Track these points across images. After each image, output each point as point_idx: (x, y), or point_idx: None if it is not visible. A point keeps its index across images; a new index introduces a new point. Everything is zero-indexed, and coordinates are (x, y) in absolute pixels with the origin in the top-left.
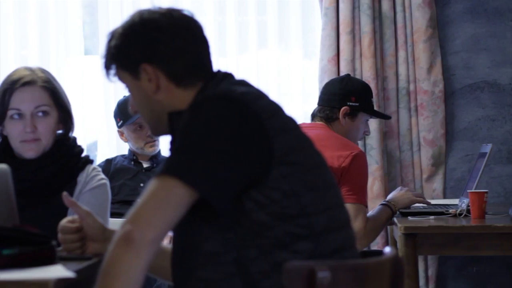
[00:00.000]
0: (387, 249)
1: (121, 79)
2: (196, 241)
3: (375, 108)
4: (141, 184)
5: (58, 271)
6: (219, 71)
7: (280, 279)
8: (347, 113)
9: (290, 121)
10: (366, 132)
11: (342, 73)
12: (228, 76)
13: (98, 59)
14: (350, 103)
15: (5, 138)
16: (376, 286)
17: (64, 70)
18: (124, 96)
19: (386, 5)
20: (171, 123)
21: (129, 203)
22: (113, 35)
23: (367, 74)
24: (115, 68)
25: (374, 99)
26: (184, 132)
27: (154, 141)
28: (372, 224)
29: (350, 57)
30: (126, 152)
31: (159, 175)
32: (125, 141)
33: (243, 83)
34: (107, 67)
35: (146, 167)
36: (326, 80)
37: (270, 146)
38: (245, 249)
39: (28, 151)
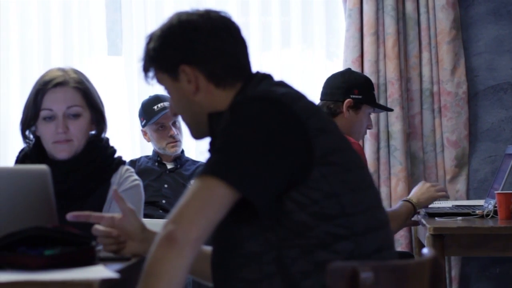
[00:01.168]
0: (426, 250)
1: (160, 81)
2: (236, 241)
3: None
4: (165, 185)
5: (101, 271)
6: (258, 72)
7: (320, 279)
8: (350, 106)
9: (330, 122)
10: (369, 126)
11: (366, 74)
12: (267, 77)
13: (121, 60)
14: (354, 96)
15: (38, 139)
16: (416, 287)
17: (88, 71)
18: (149, 96)
19: (410, 7)
20: (211, 124)
21: (153, 204)
22: (151, 38)
23: (391, 75)
24: (154, 70)
25: (398, 100)
26: (225, 132)
27: (176, 141)
28: (390, 218)
29: (374, 58)
30: (149, 152)
31: (201, 175)
32: (148, 141)
33: (282, 84)
34: (146, 69)
35: (170, 168)
36: None
37: (310, 146)
38: (286, 249)
39: (60, 152)
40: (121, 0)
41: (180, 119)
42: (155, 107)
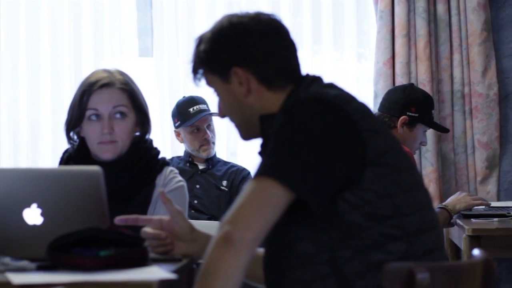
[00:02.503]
0: (477, 252)
1: (210, 83)
2: (290, 242)
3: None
4: (197, 186)
5: (158, 272)
6: (308, 74)
7: (374, 280)
8: (405, 123)
9: (381, 123)
10: (423, 143)
11: (398, 76)
12: (317, 79)
13: (152, 61)
14: (410, 113)
15: (82, 140)
16: None
17: None
18: (184, 97)
19: (441, 8)
20: (262, 126)
21: None
22: (201, 40)
23: (422, 76)
24: (204, 72)
25: None
26: (279, 134)
27: (210, 144)
28: None
29: (405, 60)
30: (179, 153)
31: (256, 176)
32: (181, 142)
33: (332, 86)
34: (195, 71)
35: (202, 169)
36: (381, 83)
37: (363, 147)
38: (339, 250)
39: (105, 153)
40: (152, 1)
41: (213, 122)
42: (191, 109)
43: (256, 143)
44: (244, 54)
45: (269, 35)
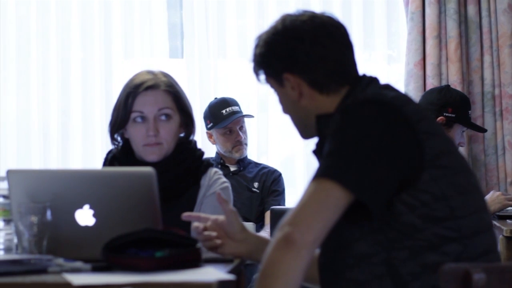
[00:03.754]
0: None
1: (268, 83)
2: (346, 243)
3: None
4: None
5: (215, 273)
6: (364, 75)
7: (429, 281)
8: (442, 124)
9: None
10: (461, 144)
11: (428, 77)
12: (374, 81)
13: (183, 62)
14: (447, 114)
15: (126, 141)
16: None
17: None
18: (216, 98)
19: (472, 10)
20: (319, 125)
21: None
22: (259, 41)
23: (453, 78)
24: (263, 73)
25: None
26: (337, 135)
27: (242, 145)
28: None
29: (436, 62)
30: (209, 155)
31: (316, 178)
32: (213, 143)
33: (389, 87)
34: (256, 72)
35: (233, 171)
36: (412, 84)
37: (421, 149)
38: (395, 251)
39: (151, 155)
40: (182, 2)
41: (245, 124)
42: (224, 111)
43: (285, 145)
44: (295, 61)
45: (321, 40)
